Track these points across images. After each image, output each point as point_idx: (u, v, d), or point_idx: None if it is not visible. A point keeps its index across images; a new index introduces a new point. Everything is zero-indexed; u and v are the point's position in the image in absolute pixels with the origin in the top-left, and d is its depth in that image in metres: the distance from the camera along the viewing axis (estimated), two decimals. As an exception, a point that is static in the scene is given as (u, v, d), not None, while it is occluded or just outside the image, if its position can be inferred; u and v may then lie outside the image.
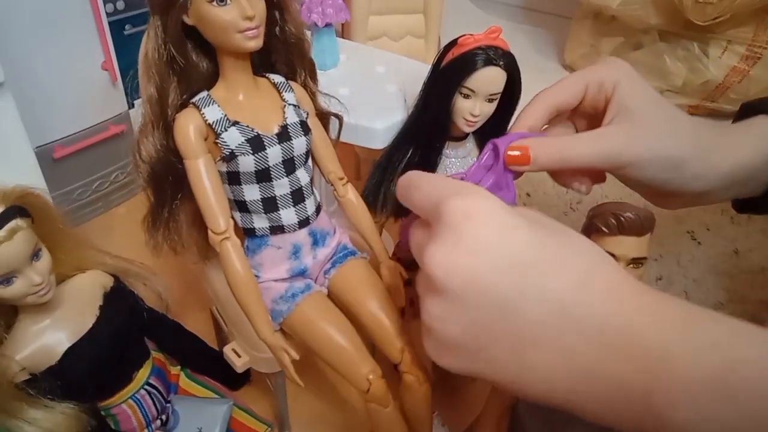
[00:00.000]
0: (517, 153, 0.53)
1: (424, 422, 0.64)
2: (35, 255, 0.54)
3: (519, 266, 0.33)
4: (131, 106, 1.07)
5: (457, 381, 0.86)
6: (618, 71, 0.58)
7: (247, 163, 0.54)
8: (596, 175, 0.60)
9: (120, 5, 1.00)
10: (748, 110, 0.63)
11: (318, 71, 0.65)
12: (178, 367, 0.72)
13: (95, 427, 0.58)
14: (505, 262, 0.33)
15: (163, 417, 0.67)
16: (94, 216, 1.06)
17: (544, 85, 1.55)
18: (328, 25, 0.80)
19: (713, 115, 1.46)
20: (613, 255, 0.58)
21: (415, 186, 0.39)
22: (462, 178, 0.57)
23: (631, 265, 0.58)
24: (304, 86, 0.61)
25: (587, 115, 0.60)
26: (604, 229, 0.58)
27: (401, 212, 0.76)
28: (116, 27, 0.99)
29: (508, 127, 0.67)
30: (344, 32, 1.07)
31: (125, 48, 1.00)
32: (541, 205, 1.25)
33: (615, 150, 0.51)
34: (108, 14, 0.96)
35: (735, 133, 0.55)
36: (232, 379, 0.74)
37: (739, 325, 0.28)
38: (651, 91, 0.58)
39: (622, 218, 0.58)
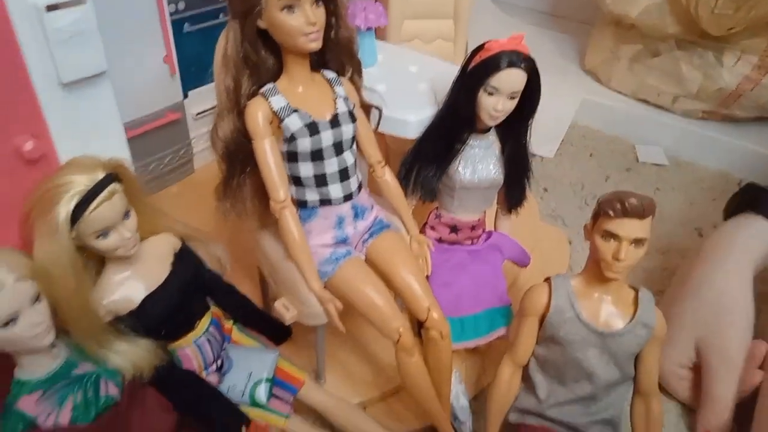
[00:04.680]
0: None
1: (445, 374, 0.74)
2: (126, 214, 0.65)
3: None
4: (186, 96, 1.19)
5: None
6: None
7: (304, 144, 0.64)
8: None
9: (181, 6, 1.11)
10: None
11: (359, 69, 0.75)
12: (231, 322, 0.83)
13: (167, 363, 0.69)
14: None
15: (219, 362, 0.78)
16: (148, 195, 1.18)
17: (566, 88, 1.72)
18: (369, 28, 0.91)
19: (726, 120, 1.53)
20: (617, 235, 0.67)
21: None
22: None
23: (633, 245, 0.67)
24: (351, 81, 0.71)
25: None
26: (610, 212, 0.67)
27: (428, 196, 0.86)
28: (177, 25, 1.10)
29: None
30: (380, 34, 1.17)
31: (184, 44, 1.12)
32: (559, 199, 1.34)
33: None
34: (171, 14, 1.07)
35: None
36: (276, 335, 0.84)
37: None
38: None
39: (626, 203, 0.67)
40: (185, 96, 1.19)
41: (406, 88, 0.90)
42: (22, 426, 0.59)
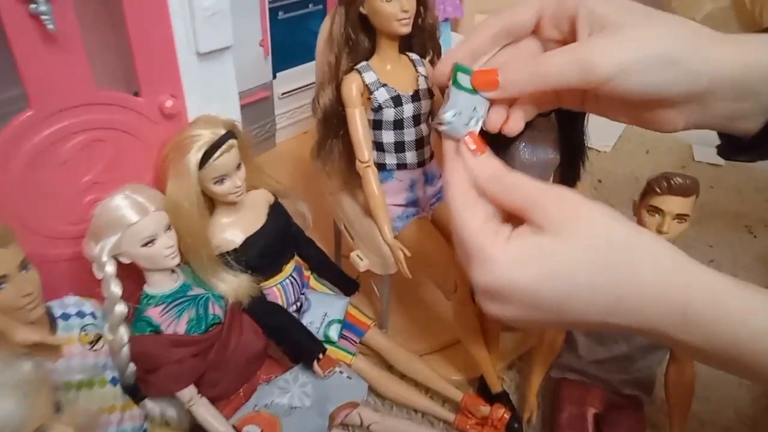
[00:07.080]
0: (482, 78, 0.43)
1: (494, 328, 0.84)
2: (238, 166, 0.78)
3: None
4: (274, 77, 1.33)
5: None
6: None
7: (388, 114, 0.76)
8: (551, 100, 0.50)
9: (278, -6, 1.26)
10: None
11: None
12: (310, 271, 0.96)
13: (260, 295, 0.82)
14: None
15: (298, 303, 0.91)
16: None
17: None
18: (446, 19, 1.01)
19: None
20: (662, 210, 0.75)
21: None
22: None
23: (676, 220, 0.75)
24: (432, 63, 0.82)
25: (553, 41, 0.49)
26: (657, 189, 0.76)
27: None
28: (273, 12, 1.24)
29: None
30: (454, 26, 1.27)
31: (277, 30, 1.25)
32: (611, 190, 1.41)
33: (594, 58, 0.43)
34: (269, 1, 1.21)
35: (751, 38, 0.46)
36: (346, 286, 0.96)
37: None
38: None
39: (672, 181, 0.75)
40: (274, 77, 1.33)
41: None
42: (149, 330, 0.73)
